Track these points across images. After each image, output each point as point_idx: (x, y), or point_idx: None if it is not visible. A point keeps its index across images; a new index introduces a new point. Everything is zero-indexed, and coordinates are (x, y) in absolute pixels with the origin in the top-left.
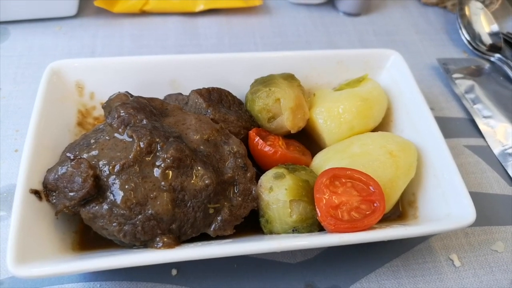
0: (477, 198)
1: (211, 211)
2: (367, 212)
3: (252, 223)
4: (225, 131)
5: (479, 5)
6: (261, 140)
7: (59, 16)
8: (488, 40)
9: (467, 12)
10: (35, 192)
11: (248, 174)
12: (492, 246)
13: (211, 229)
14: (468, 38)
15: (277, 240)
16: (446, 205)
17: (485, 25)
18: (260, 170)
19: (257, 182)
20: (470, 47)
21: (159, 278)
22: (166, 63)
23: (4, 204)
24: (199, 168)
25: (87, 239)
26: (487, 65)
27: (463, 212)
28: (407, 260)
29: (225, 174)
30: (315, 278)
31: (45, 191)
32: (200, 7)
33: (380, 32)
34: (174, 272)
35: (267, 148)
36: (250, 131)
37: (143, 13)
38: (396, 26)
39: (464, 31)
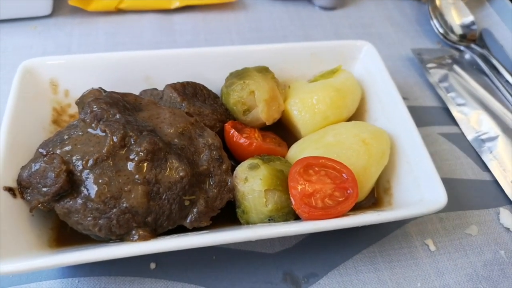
0: (452, 184)
1: (186, 203)
2: (341, 199)
3: (229, 214)
4: (199, 124)
5: None
6: (236, 132)
7: (33, 16)
8: (459, 31)
9: (438, 4)
10: (9, 190)
11: (224, 166)
12: (466, 230)
13: (188, 221)
14: (440, 29)
15: (252, 229)
16: (419, 190)
17: (457, 16)
18: (237, 162)
19: (233, 174)
20: (442, 38)
21: (138, 272)
22: (141, 59)
23: None
24: (173, 160)
25: (64, 235)
26: (459, 55)
27: (434, 196)
28: (383, 246)
29: (200, 166)
30: (293, 266)
31: (19, 188)
32: (176, 4)
33: (356, 25)
34: (152, 265)
35: (242, 140)
36: (226, 124)
37: (118, 11)
38: (372, 19)
39: (435, 22)
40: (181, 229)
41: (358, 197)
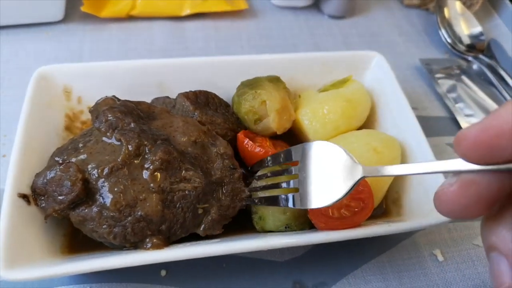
0: None
1: (200, 211)
2: (356, 210)
3: (240, 221)
4: (212, 133)
5: (459, 6)
6: (250, 142)
7: (45, 21)
8: (467, 41)
9: (446, 14)
10: (24, 196)
11: (236, 175)
12: (473, 240)
13: (201, 229)
14: (448, 39)
15: (265, 238)
16: (428, 201)
17: (465, 27)
18: (247, 170)
19: (244, 182)
20: (450, 48)
21: (149, 279)
22: (153, 67)
23: None
24: (187, 169)
25: (76, 242)
26: (467, 65)
27: None
28: (392, 256)
29: (213, 175)
30: (302, 275)
31: (34, 195)
32: (187, 11)
33: (364, 34)
34: (163, 273)
35: (257, 149)
36: (239, 133)
37: (130, 18)
38: (380, 28)
39: (443, 32)
40: (193, 236)
41: None
